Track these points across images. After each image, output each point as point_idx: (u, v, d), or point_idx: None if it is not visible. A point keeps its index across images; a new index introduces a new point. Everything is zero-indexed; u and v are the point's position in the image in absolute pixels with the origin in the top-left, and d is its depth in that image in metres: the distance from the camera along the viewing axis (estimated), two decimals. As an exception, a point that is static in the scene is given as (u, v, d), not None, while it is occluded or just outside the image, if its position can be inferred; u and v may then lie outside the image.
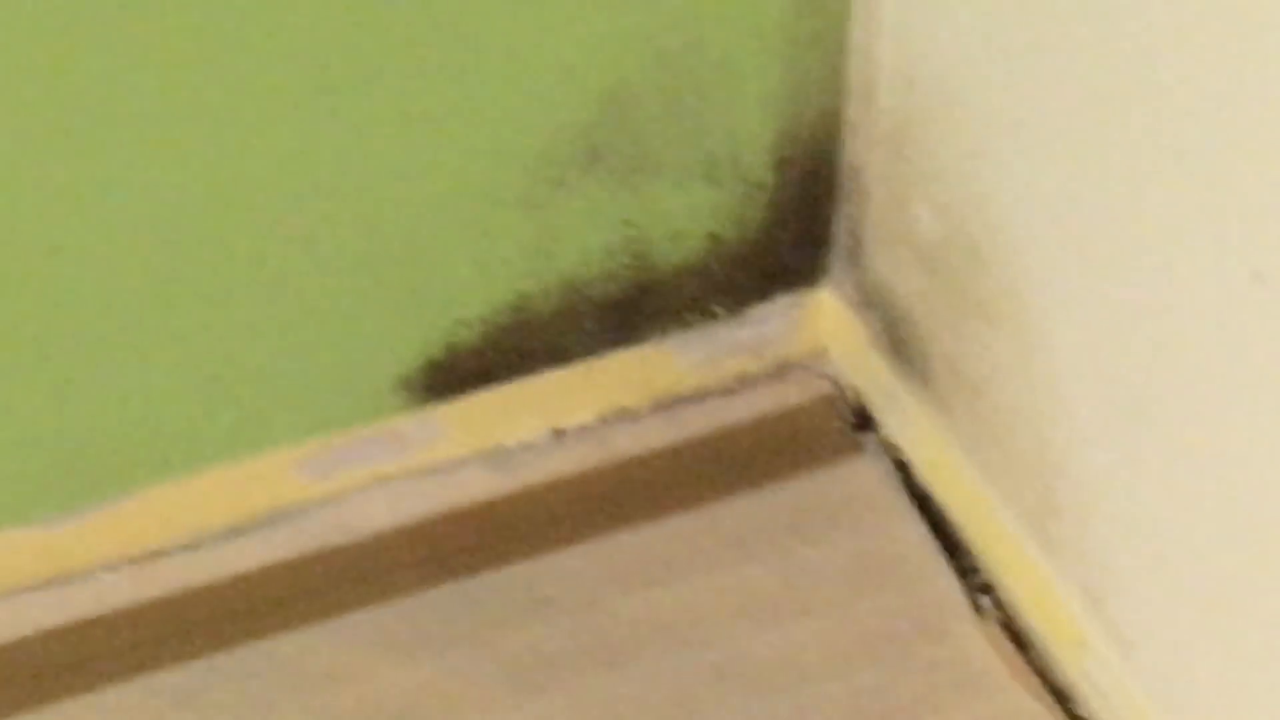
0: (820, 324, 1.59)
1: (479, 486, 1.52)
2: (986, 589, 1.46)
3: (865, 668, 1.42)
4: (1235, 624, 1.23)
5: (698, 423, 1.56)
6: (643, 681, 1.42)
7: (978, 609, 1.45)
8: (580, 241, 1.46)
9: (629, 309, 1.52)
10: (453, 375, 1.49)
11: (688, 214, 1.49)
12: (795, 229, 1.53)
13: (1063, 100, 1.24)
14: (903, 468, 1.54)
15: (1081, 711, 1.40)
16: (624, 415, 1.56)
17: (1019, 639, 1.43)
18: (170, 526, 1.46)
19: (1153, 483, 1.27)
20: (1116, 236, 1.23)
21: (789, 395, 1.58)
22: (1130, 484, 1.29)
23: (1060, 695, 1.41)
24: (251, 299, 1.38)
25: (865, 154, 1.49)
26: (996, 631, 1.43)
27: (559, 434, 1.55)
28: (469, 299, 1.45)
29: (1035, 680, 1.42)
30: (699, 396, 1.58)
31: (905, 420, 1.54)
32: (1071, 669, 1.39)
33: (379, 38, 1.32)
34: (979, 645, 1.43)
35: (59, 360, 1.37)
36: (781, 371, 1.59)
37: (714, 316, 1.55)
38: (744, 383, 1.58)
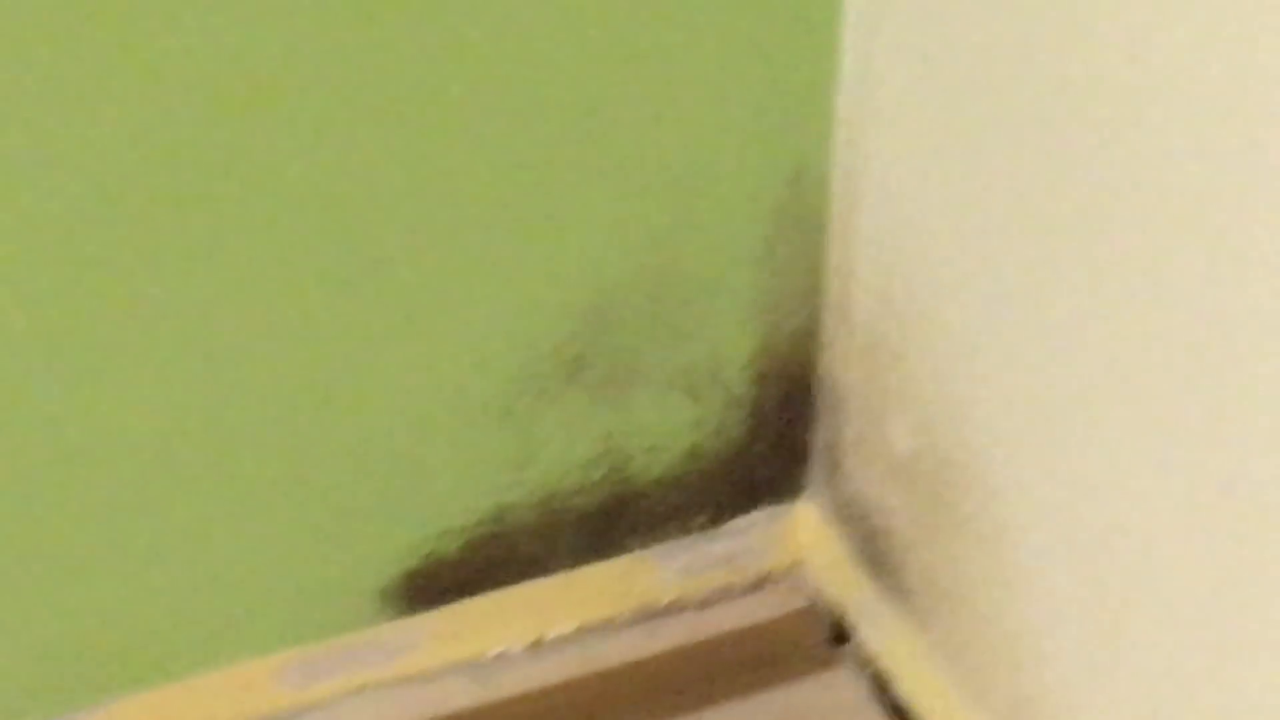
0: (798, 537, 1.59)
1: (459, 697, 1.51)
2: (963, 805, 1.43)
3: None
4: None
5: (677, 634, 1.55)
6: None
7: (954, 826, 1.40)
8: (560, 454, 1.46)
9: (608, 520, 1.52)
10: (433, 585, 1.48)
11: (667, 427, 1.49)
12: (773, 442, 1.53)
13: (1036, 321, 1.24)
14: (880, 680, 1.53)
15: None
16: (604, 626, 1.55)
17: None
18: (151, 737, 1.42)
19: (1130, 694, 1.24)
20: (1087, 451, 1.22)
21: (767, 608, 1.58)
22: (1106, 696, 1.27)
23: None
24: (230, 510, 1.39)
25: (842, 369, 1.49)
26: (975, 845, 1.38)
27: (538, 644, 1.54)
28: (449, 510, 1.45)
29: None
30: (678, 608, 1.57)
31: (883, 632, 1.52)
32: None
33: (360, 255, 1.32)
34: None
35: (38, 570, 1.35)
36: (760, 584, 1.59)
37: (693, 529, 1.55)
38: (723, 594, 1.58)
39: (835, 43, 1.37)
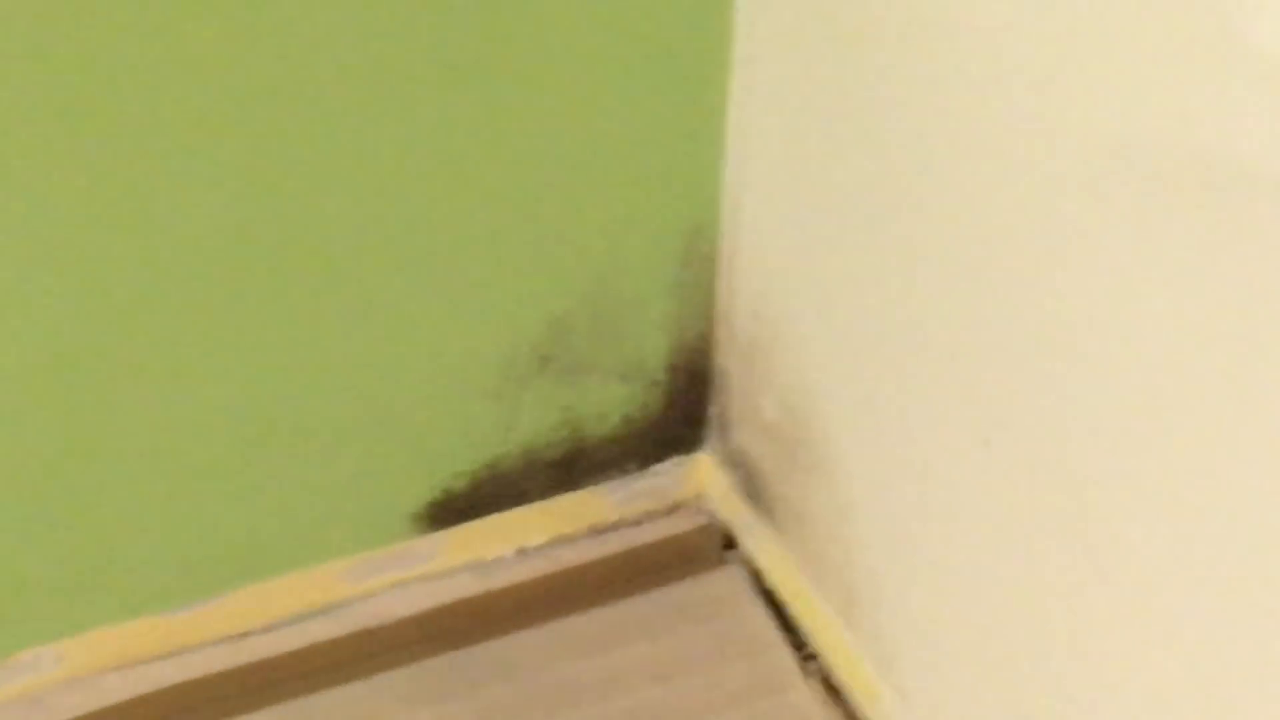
0: (699, 477, 1.70)
1: (466, 588, 1.62)
2: (811, 657, 1.57)
3: (723, 714, 1.53)
4: (977, 681, 1.34)
5: (616, 545, 1.67)
6: (575, 725, 1.47)
7: (805, 672, 1.56)
8: (535, 421, 1.55)
9: (569, 466, 1.61)
10: (448, 511, 1.58)
11: (609, 403, 1.57)
12: (681, 413, 1.63)
13: (855, 331, 1.35)
14: (756, 574, 1.64)
15: (877, 742, 1.45)
16: (566, 539, 1.66)
17: (834, 692, 1.54)
18: (256, 615, 1.55)
19: (921, 585, 1.37)
20: (888, 419, 1.34)
21: (678, 526, 1.70)
22: (905, 586, 1.39)
23: (862, 733, 1.47)
24: (312, 462, 1.48)
25: (728, 362, 1.58)
26: (818, 687, 1.55)
27: (522, 551, 1.64)
28: (459, 460, 1.55)
29: (845, 722, 1.49)
30: (617, 526, 1.68)
31: (757, 542, 1.64)
32: (869, 713, 1.50)
33: (407, 303, 1.41)
34: (805, 698, 1.54)
35: (192, 496, 1.44)
36: (673, 509, 1.71)
37: (628, 471, 1.66)
38: (648, 517, 1.69)
39: (721, 147, 1.44)
